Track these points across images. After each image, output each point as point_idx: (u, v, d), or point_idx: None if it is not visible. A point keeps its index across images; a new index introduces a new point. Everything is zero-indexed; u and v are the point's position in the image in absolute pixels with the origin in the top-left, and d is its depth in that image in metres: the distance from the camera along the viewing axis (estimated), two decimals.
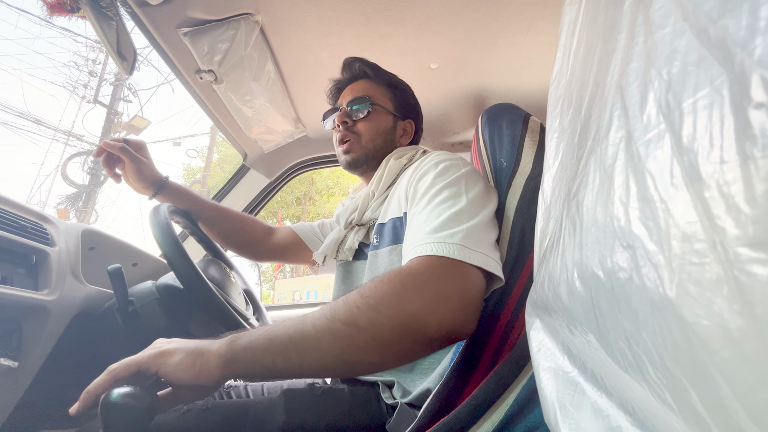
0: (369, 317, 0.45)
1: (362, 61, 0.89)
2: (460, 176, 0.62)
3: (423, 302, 0.45)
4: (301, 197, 12.69)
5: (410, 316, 0.44)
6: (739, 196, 0.12)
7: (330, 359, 0.45)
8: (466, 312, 0.47)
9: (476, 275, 0.50)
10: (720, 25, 0.13)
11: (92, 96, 9.62)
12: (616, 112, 0.20)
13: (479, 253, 0.51)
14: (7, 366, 0.56)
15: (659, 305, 0.16)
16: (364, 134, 0.85)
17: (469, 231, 0.53)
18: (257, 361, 0.45)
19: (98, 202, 9.07)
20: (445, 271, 0.49)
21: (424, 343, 0.45)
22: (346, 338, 0.44)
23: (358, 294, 0.47)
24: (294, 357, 0.45)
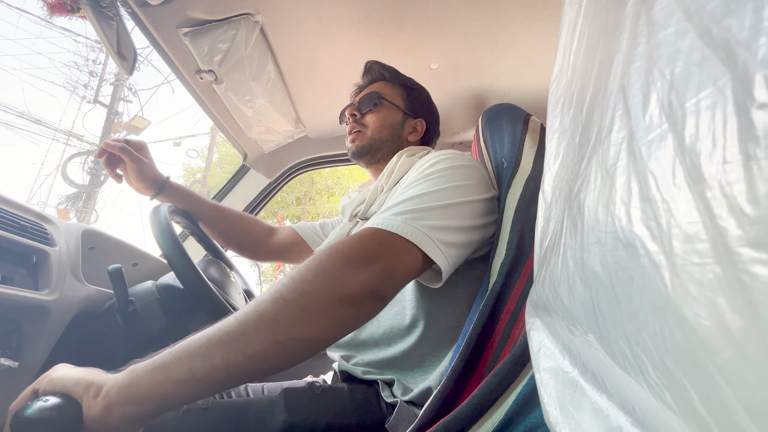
0: (294, 288, 0.44)
1: (380, 64, 0.93)
2: (449, 167, 0.64)
3: (344, 265, 0.46)
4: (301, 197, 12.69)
5: (333, 279, 0.44)
6: (742, 197, 0.12)
7: (259, 346, 0.40)
8: (388, 274, 0.48)
9: (411, 252, 0.51)
10: (723, 24, 0.13)
11: (92, 96, 9.63)
12: (618, 113, 0.20)
13: (419, 231, 0.51)
14: (7, 366, 0.56)
15: (660, 305, 0.16)
16: (370, 125, 0.89)
17: (418, 211, 0.54)
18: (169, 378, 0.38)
19: (98, 202, 9.07)
20: (372, 239, 0.50)
21: (351, 305, 0.45)
22: (273, 316, 0.42)
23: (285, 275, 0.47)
24: (217, 357, 0.39)
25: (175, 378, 0.38)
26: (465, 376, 0.54)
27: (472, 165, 0.68)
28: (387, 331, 0.73)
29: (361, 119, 0.90)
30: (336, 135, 1.36)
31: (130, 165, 0.85)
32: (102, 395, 0.37)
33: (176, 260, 0.69)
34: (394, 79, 0.94)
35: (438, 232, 0.54)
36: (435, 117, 0.98)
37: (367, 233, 0.51)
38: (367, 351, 0.75)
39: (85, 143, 9.63)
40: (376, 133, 0.88)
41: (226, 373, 0.39)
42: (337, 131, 1.33)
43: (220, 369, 0.39)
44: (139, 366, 0.40)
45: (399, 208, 0.55)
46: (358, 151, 0.89)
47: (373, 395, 0.70)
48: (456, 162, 0.66)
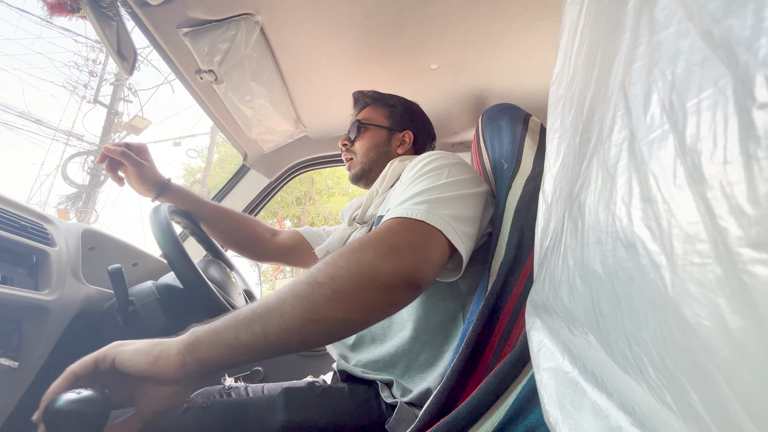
0: (327, 273, 0.47)
1: (362, 93, 1.02)
2: (445, 164, 0.67)
3: (377, 252, 0.48)
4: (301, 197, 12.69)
5: (365, 265, 0.47)
6: (742, 197, 0.12)
7: (294, 321, 0.44)
8: (420, 260, 0.50)
9: (436, 237, 0.53)
10: (724, 25, 0.13)
11: (92, 96, 9.62)
12: (619, 113, 0.20)
13: (442, 219, 0.54)
14: (7, 366, 0.56)
15: (660, 305, 0.16)
16: (358, 151, 0.96)
17: (436, 201, 0.56)
18: (221, 341, 0.44)
19: (98, 202, 9.07)
20: (402, 227, 0.53)
21: (383, 291, 0.47)
22: (307, 296, 0.45)
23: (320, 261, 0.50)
24: (258, 327, 0.44)
25: (225, 342, 0.44)
26: (465, 376, 0.54)
27: (463, 162, 0.71)
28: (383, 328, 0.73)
29: (351, 147, 0.98)
30: (336, 135, 1.36)
31: (130, 168, 0.86)
32: (174, 354, 0.43)
33: (176, 260, 0.69)
34: (376, 102, 1.01)
35: (456, 222, 0.56)
36: (424, 124, 1.02)
37: (396, 222, 0.53)
38: (364, 349, 0.75)
39: (85, 143, 9.63)
40: (364, 157, 0.95)
41: (266, 342, 0.44)
42: (337, 131, 1.33)
43: (261, 338, 0.44)
44: (198, 329, 0.45)
45: (417, 199, 0.57)
46: (354, 177, 0.98)
47: (372, 396, 0.70)
48: (448, 160, 0.68)
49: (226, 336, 0.44)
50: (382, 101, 1.00)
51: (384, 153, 0.95)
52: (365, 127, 0.97)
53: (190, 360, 0.43)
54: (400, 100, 1.01)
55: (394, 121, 0.98)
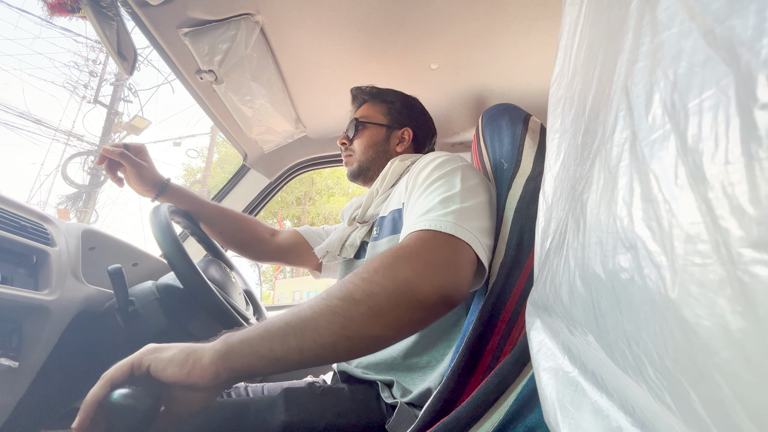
0: (364, 290, 0.46)
1: (360, 89, 1.00)
2: (455, 168, 0.66)
3: (414, 270, 0.48)
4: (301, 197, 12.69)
5: (403, 283, 0.46)
6: (744, 197, 0.12)
7: (329, 337, 0.44)
8: (457, 277, 0.50)
9: (466, 251, 0.52)
10: (727, 25, 0.13)
11: (92, 96, 9.62)
12: (621, 113, 0.20)
13: (469, 233, 0.53)
14: (7, 366, 0.56)
15: (660, 306, 0.16)
16: (356, 150, 0.95)
17: (460, 212, 0.56)
18: (254, 352, 0.44)
19: (98, 202, 9.07)
20: (435, 242, 0.52)
21: (420, 309, 0.47)
22: (343, 313, 0.45)
23: (353, 274, 0.49)
24: (293, 341, 0.44)
25: (259, 354, 0.44)
26: (465, 376, 0.54)
27: (471, 164, 0.70)
28: None
29: (350, 146, 0.97)
30: (336, 135, 1.36)
31: (129, 169, 0.86)
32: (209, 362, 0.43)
33: (176, 260, 0.69)
34: (375, 98, 0.99)
35: (481, 234, 0.56)
36: (424, 121, 1.00)
37: (426, 236, 0.52)
38: None
39: (85, 143, 9.62)
40: (362, 155, 0.94)
41: (300, 356, 0.44)
42: (337, 131, 1.33)
43: (295, 352, 0.44)
44: (231, 338, 0.45)
45: (441, 210, 0.56)
46: (352, 174, 0.97)
47: (373, 396, 0.70)
48: (458, 162, 0.68)
49: (260, 348, 0.44)
50: (380, 97, 0.99)
51: (383, 151, 0.94)
52: (363, 125, 0.96)
53: (223, 369, 0.43)
54: (399, 95, 0.99)
55: (393, 119, 0.97)
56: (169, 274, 0.83)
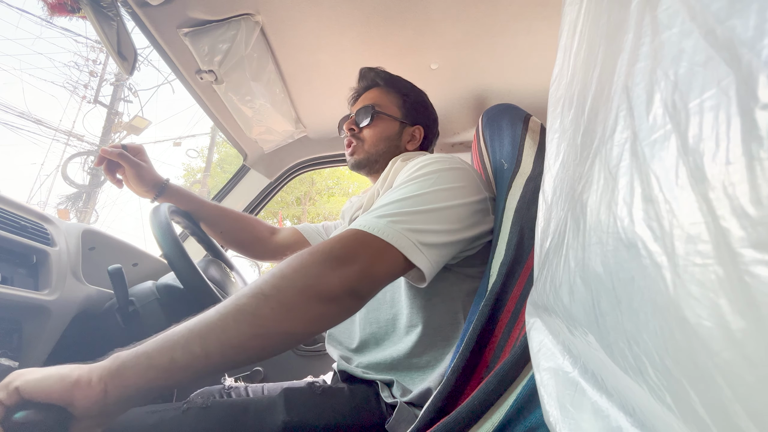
0: (273, 284, 0.45)
1: (375, 71, 0.92)
2: (435, 170, 0.64)
3: (323, 264, 0.47)
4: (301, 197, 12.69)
5: (312, 277, 0.46)
6: (745, 198, 0.12)
7: (238, 338, 0.42)
8: (366, 275, 0.49)
9: (391, 253, 0.52)
10: (728, 25, 0.13)
11: (93, 96, 9.62)
12: (621, 113, 0.20)
13: (400, 235, 0.52)
14: (7, 366, 0.56)
15: (661, 306, 0.16)
16: (367, 140, 0.89)
17: (402, 215, 0.55)
18: (153, 365, 0.40)
19: (98, 202, 9.07)
20: (354, 239, 0.51)
21: (328, 302, 0.46)
22: (252, 310, 0.43)
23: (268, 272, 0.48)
24: (197, 347, 0.41)
25: (158, 366, 0.40)
26: (465, 376, 0.54)
27: (461, 167, 0.68)
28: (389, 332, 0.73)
29: (358, 133, 0.90)
30: (336, 135, 1.36)
31: (128, 170, 0.85)
32: (96, 381, 0.39)
33: (176, 260, 0.69)
34: (389, 86, 0.92)
35: (418, 235, 0.54)
36: (433, 119, 0.97)
37: (349, 234, 0.52)
38: (367, 352, 0.75)
39: (86, 143, 9.62)
40: (372, 147, 0.89)
41: (206, 362, 0.41)
42: (336, 131, 1.34)
43: (201, 359, 0.41)
44: (124, 353, 0.41)
45: (382, 211, 0.56)
46: (356, 163, 0.91)
47: (372, 396, 0.70)
48: (444, 165, 0.66)
49: (160, 359, 0.40)
50: (394, 86, 0.92)
51: (394, 147, 0.89)
52: (378, 115, 0.88)
53: (113, 387, 0.39)
54: (413, 88, 0.94)
55: (407, 113, 0.91)
56: (169, 274, 0.83)
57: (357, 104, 0.93)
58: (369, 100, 0.91)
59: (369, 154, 0.89)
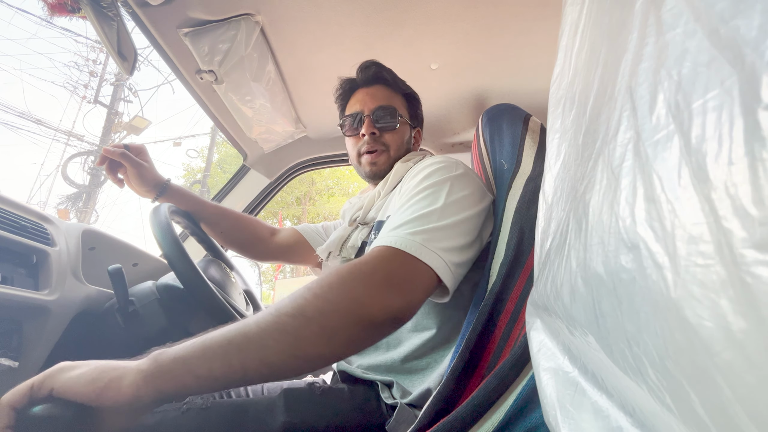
0: (316, 306, 0.44)
1: (380, 66, 0.87)
2: (446, 179, 0.63)
3: (366, 289, 0.46)
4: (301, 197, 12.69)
5: (355, 302, 0.45)
6: (747, 198, 0.12)
7: (277, 357, 0.42)
8: (408, 300, 0.49)
9: (426, 274, 0.51)
10: (731, 25, 0.13)
11: (93, 96, 9.62)
12: (625, 113, 0.20)
13: (435, 255, 0.52)
14: (7, 366, 0.56)
15: (662, 306, 0.16)
16: (392, 146, 0.84)
17: (432, 232, 0.54)
18: (190, 372, 0.40)
19: (98, 203, 9.06)
20: (394, 261, 0.50)
21: (371, 328, 0.46)
22: (293, 331, 0.43)
23: (305, 287, 0.47)
24: (235, 361, 0.41)
25: (195, 374, 0.40)
26: (465, 376, 0.54)
27: (466, 173, 0.68)
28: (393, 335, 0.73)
29: (380, 137, 0.83)
30: (336, 135, 1.36)
31: (130, 170, 0.85)
32: (128, 384, 0.39)
33: (176, 260, 0.69)
34: (394, 86, 0.88)
35: (449, 254, 0.54)
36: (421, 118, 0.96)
37: (388, 254, 0.51)
38: (368, 355, 0.75)
39: (86, 143, 9.62)
40: (396, 153, 0.84)
41: (242, 376, 0.41)
42: (337, 131, 1.33)
43: (238, 372, 0.41)
44: (162, 356, 0.41)
45: (413, 227, 0.54)
46: (379, 173, 0.84)
47: (372, 396, 0.70)
48: (451, 172, 0.65)
49: (197, 368, 0.40)
50: (401, 89, 0.89)
51: (408, 151, 0.87)
52: (400, 120, 0.84)
53: (147, 391, 0.39)
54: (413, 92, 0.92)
55: (412, 116, 0.90)
56: (169, 274, 0.83)
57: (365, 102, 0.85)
58: (384, 100, 0.84)
59: (393, 162, 0.84)
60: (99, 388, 0.38)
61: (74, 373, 0.39)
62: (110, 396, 0.38)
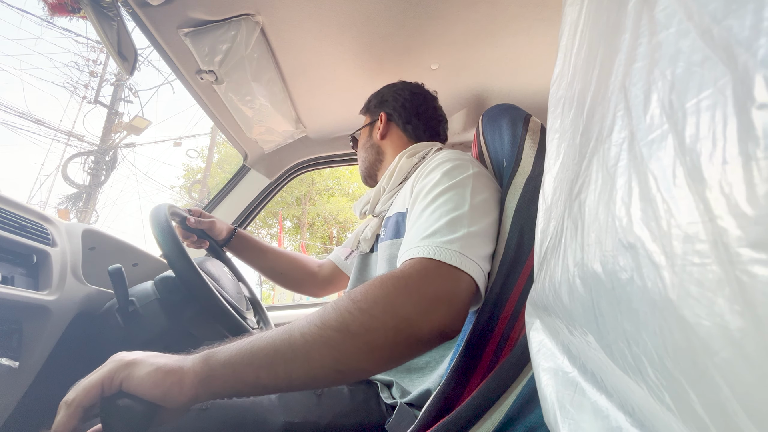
0: (362, 322, 0.44)
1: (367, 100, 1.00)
2: (466, 178, 0.62)
3: (415, 306, 0.45)
4: (301, 197, 12.69)
5: (404, 320, 0.44)
6: (741, 197, 0.12)
7: (321, 370, 0.43)
8: (456, 315, 0.48)
9: (468, 283, 0.50)
10: (724, 25, 0.13)
11: (93, 96, 9.62)
12: (619, 113, 0.20)
13: (474, 263, 0.51)
14: (7, 366, 0.56)
15: (660, 306, 0.16)
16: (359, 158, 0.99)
17: (467, 239, 0.53)
18: (239, 379, 0.42)
19: (99, 203, 9.07)
20: (438, 275, 0.49)
21: (418, 346, 0.46)
22: (338, 346, 0.43)
23: (349, 299, 0.46)
24: (281, 371, 0.42)
25: (243, 381, 0.42)
26: (465, 376, 0.54)
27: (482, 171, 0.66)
28: None
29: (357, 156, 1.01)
30: (336, 135, 1.36)
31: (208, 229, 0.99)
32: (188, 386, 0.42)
33: (176, 260, 0.69)
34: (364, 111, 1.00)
35: (485, 261, 0.54)
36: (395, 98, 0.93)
37: (431, 267, 0.49)
38: None
39: (86, 143, 9.62)
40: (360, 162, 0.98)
41: (288, 384, 0.43)
42: (337, 131, 1.33)
43: (283, 381, 0.43)
44: (212, 359, 0.43)
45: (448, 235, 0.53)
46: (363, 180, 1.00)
47: (372, 396, 0.70)
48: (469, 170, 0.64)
49: (246, 375, 0.42)
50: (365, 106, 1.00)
51: (370, 147, 0.94)
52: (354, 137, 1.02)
53: (203, 392, 0.42)
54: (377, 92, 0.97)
55: (371, 114, 0.97)
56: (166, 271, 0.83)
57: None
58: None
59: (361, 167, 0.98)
60: (164, 391, 0.41)
61: (141, 372, 0.41)
62: (174, 397, 0.41)
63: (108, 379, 0.41)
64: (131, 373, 0.41)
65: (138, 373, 0.41)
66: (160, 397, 0.41)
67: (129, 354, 0.44)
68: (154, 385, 0.41)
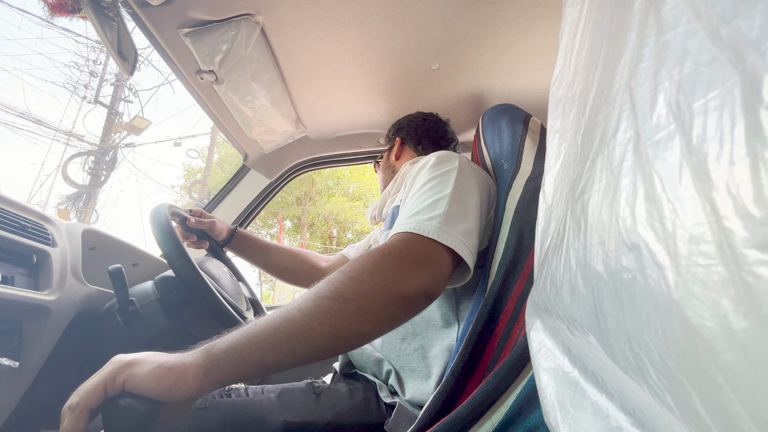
0: (353, 288, 0.47)
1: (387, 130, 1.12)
2: (451, 169, 0.67)
3: (399, 268, 0.50)
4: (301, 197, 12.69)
5: (390, 280, 0.49)
6: (748, 198, 0.12)
7: (322, 339, 0.45)
8: (436, 276, 0.52)
9: (446, 255, 0.54)
10: (732, 25, 0.13)
11: (93, 96, 9.61)
12: (624, 113, 0.20)
13: (453, 237, 0.55)
14: (7, 366, 0.56)
15: (663, 306, 0.16)
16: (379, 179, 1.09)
17: (447, 216, 0.57)
18: (243, 362, 0.44)
19: (99, 203, 9.06)
20: (418, 243, 0.54)
21: (406, 304, 0.49)
22: (335, 313, 0.46)
23: (339, 272, 0.50)
24: (284, 346, 0.44)
25: (249, 363, 0.44)
26: (464, 376, 0.54)
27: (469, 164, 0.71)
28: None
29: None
30: (336, 135, 1.36)
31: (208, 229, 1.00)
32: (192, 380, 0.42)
33: (176, 260, 0.69)
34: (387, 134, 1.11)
35: (466, 236, 0.57)
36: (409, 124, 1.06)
37: (411, 239, 0.55)
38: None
39: (86, 143, 9.61)
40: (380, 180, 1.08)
41: (292, 359, 0.45)
42: (337, 131, 1.33)
43: (288, 356, 0.44)
44: (213, 349, 0.45)
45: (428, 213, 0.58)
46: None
47: (372, 396, 0.70)
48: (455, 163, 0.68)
49: (249, 357, 0.44)
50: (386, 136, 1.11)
51: (387, 167, 1.05)
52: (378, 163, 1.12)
53: (207, 383, 0.43)
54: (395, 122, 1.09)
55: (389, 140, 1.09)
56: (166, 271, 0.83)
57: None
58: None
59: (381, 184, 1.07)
60: (168, 387, 0.42)
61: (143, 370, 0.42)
62: (179, 392, 0.42)
63: (110, 380, 0.42)
64: (133, 372, 0.42)
65: (140, 372, 0.42)
66: (165, 392, 0.41)
67: (129, 355, 0.44)
68: (158, 382, 0.41)
